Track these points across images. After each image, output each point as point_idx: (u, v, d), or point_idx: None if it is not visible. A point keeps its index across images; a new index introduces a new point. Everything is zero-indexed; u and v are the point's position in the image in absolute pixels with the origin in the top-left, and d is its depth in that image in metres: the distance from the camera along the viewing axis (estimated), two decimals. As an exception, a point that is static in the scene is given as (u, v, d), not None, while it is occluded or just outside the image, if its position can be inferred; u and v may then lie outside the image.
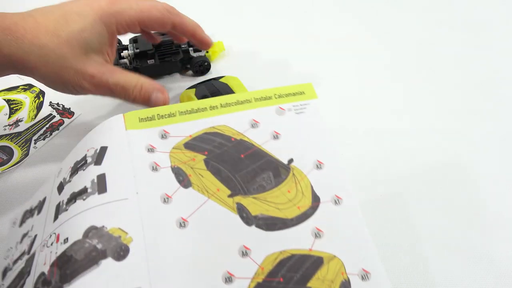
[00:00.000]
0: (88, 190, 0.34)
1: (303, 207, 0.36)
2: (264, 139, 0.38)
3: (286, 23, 0.68)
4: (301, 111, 0.40)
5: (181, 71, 0.60)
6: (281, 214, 0.35)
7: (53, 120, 0.56)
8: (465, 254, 0.44)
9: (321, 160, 0.38)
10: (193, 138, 0.38)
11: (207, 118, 0.39)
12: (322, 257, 0.34)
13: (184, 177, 0.36)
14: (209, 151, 0.38)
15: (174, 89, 0.58)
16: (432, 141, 0.52)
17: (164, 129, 0.38)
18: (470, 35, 0.67)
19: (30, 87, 0.60)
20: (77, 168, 0.36)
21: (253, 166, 0.37)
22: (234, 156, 0.38)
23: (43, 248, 0.33)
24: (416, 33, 0.67)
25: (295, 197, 0.36)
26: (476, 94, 0.58)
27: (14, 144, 0.53)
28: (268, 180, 0.37)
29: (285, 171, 0.37)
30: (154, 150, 0.37)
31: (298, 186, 0.37)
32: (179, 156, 0.37)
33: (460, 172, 0.50)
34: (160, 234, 0.33)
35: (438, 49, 0.65)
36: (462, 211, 0.47)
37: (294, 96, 0.41)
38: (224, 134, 0.39)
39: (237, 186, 0.36)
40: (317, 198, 0.36)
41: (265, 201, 0.36)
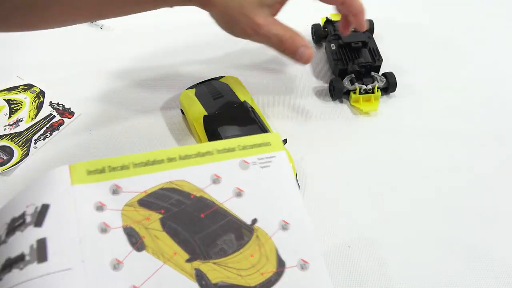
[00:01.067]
0: (26, 257, 0.30)
1: (267, 273, 0.33)
2: (226, 196, 0.36)
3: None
4: (266, 165, 0.38)
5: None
6: (243, 282, 0.33)
7: (53, 120, 0.57)
8: (465, 254, 0.45)
9: (286, 220, 0.35)
10: (148, 194, 0.35)
11: (164, 171, 0.36)
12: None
13: (138, 238, 0.33)
14: (165, 209, 0.34)
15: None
16: (434, 141, 0.55)
17: (115, 183, 0.35)
18: None
19: (30, 87, 0.61)
20: (15, 227, 0.32)
21: (213, 227, 0.34)
22: (193, 216, 0.35)
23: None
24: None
25: (258, 262, 0.34)
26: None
27: (14, 144, 0.54)
28: (230, 243, 0.34)
29: (248, 233, 0.35)
30: (103, 208, 0.34)
31: (262, 249, 0.34)
32: (132, 214, 0.34)
33: (460, 172, 0.52)
34: (110, 308, 0.29)
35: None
36: (462, 211, 0.48)
37: (259, 147, 0.38)
38: (183, 190, 0.35)
39: (196, 250, 0.33)
40: (282, 263, 0.34)
41: (226, 266, 0.33)
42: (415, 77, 0.63)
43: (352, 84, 0.59)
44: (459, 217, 0.49)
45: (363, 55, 0.60)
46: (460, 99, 0.61)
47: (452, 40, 0.69)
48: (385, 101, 0.60)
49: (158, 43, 0.67)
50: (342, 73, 0.60)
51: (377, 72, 0.60)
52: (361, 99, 0.58)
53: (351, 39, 0.61)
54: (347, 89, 0.59)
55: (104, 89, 0.61)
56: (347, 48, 0.61)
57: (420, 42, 0.69)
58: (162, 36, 0.68)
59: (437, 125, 0.58)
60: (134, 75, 0.63)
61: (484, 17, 0.73)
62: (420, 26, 0.71)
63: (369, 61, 0.59)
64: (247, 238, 0.34)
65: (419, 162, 0.54)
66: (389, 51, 0.65)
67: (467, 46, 0.68)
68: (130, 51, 0.66)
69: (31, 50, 0.66)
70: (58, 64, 0.65)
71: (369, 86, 0.58)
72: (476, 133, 0.57)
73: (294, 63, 0.50)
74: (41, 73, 0.63)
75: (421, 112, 0.59)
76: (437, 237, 0.47)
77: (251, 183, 0.37)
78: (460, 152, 0.55)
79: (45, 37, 0.66)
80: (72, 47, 0.67)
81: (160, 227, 0.34)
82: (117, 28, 0.69)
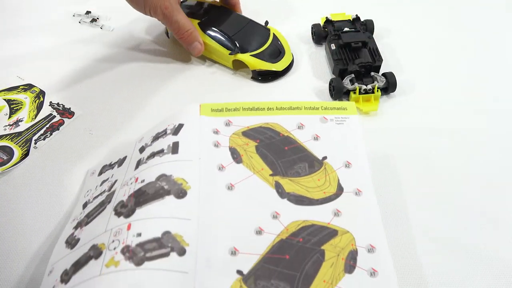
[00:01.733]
0: (165, 151, 0.45)
1: (328, 193, 0.44)
2: (306, 138, 0.47)
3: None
4: (341, 123, 0.49)
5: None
6: (309, 195, 0.43)
7: (53, 120, 0.56)
8: (465, 254, 0.45)
9: (350, 161, 0.46)
10: (250, 128, 0.48)
11: (264, 116, 0.49)
12: (337, 230, 0.41)
13: (238, 155, 0.46)
14: (260, 140, 0.47)
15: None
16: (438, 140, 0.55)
17: (229, 119, 0.49)
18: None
19: (30, 87, 0.60)
20: (158, 137, 0.47)
21: (293, 156, 0.46)
22: (279, 147, 0.47)
23: (123, 187, 0.43)
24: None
25: (323, 184, 0.44)
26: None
27: (14, 144, 0.53)
28: (304, 169, 0.45)
29: (319, 165, 0.46)
30: (218, 132, 0.48)
31: (327, 177, 0.45)
32: (237, 140, 0.47)
33: (460, 171, 0.52)
34: (212, 190, 0.42)
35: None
36: (462, 211, 0.48)
37: (337, 110, 0.50)
38: (275, 129, 0.48)
39: (278, 169, 0.45)
40: (341, 188, 0.44)
41: (298, 183, 0.44)
42: (415, 77, 0.62)
43: (352, 84, 0.58)
44: (459, 217, 0.48)
45: (363, 55, 0.60)
46: (460, 99, 0.60)
47: (452, 40, 0.68)
48: (385, 101, 0.60)
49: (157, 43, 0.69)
50: (342, 73, 0.60)
51: (377, 72, 0.60)
52: (361, 99, 0.58)
53: (351, 39, 0.61)
54: (347, 89, 0.58)
55: (104, 89, 0.61)
56: (347, 48, 0.61)
57: (420, 42, 0.68)
58: (162, 35, 0.69)
59: (437, 125, 0.57)
60: (133, 74, 0.64)
61: (484, 17, 0.72)
62: (420, 26, 0.71)
63: (369, 61, 0.59)
64: (317, 168, 0.45)
65: (419, 162, 0.53)
66: (389, 51, 0.65)
67: (467, 46, 0.67)
68: (130, 50, 0.67)
69: (31, 50, 0.67)
70: (58, 64, 0.65)
71: (369, 86, 0.58)
72: (476, 132, 0.56)
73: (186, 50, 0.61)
74: (41, 73, 0.63)
75: (421, 112, 0.58)
76: (437, 237, 0.46)
77: (327, 133, 0.48)
78: (460, 152, 0.54)
79: (45, 38, 0.69)
80: (72, 47, 0.68)
81: (254, 150, 0.46)
82: (117, 28, 0.71)
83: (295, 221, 0.41)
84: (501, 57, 0.66)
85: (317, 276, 0.38)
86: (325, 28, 0.66)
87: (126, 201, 0.41)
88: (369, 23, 0.66)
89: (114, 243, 0.37)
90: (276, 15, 0.71)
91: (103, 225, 0.39)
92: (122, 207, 0.40)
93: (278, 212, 0.42)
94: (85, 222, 0.42)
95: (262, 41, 0.63)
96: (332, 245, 0.40)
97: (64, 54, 0.66)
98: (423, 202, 0.49)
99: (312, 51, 0.66)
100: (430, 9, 0.74)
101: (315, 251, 0.39)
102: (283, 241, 0.40)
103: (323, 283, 0.38)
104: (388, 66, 0.62)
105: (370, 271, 0.39)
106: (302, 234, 0.41)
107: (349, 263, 0.39)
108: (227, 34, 0.62)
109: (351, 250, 0.40)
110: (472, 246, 0.45)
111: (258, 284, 0.37)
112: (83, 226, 0.42)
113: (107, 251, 0.36)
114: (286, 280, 0.38)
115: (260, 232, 0.40)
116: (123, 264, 0.35)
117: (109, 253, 0.36)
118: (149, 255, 0.36)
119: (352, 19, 0.67)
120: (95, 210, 0.43)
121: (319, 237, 0.40)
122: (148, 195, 0.40)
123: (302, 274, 0.38)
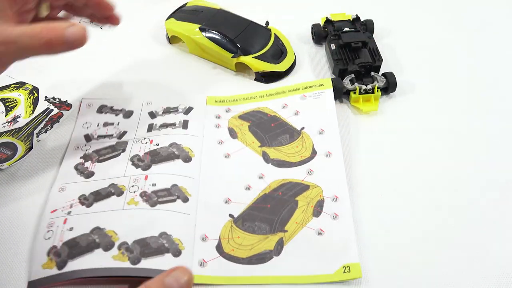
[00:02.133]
0: (176, 125, 0.58)
1: (304, 157, 0.55)
2: (289, 115, 0.59)
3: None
4: (317, 97, 0.59)
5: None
6: (289, 159, 0.55)
7: (51, 114, 0.58)
8: (465, 254, 0.46)
9: (323, 129, 0.56)
10: (245, 113, 0.60)
11: (256, 102, 0.61)
12: (309, 185, 0.52)
13: (234, 133, 0.58)
14: (252, 121, 0.59)
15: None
16: (434, 141, 0.57)
17: (229, 107, 0.61)
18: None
19: (22, 85, 0.61)
20: (170, 111, 0.59)
21: (277, 131, 0.57)
22: (267, 125, 0.58)
23: (137, 143, 0.55)
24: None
25: (300, 150, 0.55)
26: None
27: (16, 139, 0.54)
28: (285, 139, 0.56)
29: (297, 135, 0.57)
30: (220, 117, 0.60)
31: (304, 144, 0.56)
32: (234, 122, 0.59)
33: (461, 171, 0.53)
34: (212, 158, 0.55)
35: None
36: (462, 211, 0.49)
37: (315, 87, 0.60)
38: (264, 111, 0.60)
39: (265, 142, 0.57)
40: (315, 151, 0.55)
41: (281, 151, 0.55)
42: (415, 77, 0.63)
43: (352, 84, 0.59)
44: (460, 217, 0.49)
45: (363, 55, 0.61)
46: (460, 99, 0.61)
47: (452, 40, 0.69)
48: (385, 101, 0.60)
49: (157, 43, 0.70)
50: (342, 73, 0.61)
51: (377, 72, 0.61)
52: (361, 99, 0.59)
53: (351, 39, 0.62)
54: (347, 89, 0.59)
55: (103, 89, 0.63)
56: (347, 48, 0.62)
57: (420, 42, 0.68)
58: (161, 35, 0.71)
59: (437, 125, 0.58)
60: (133, 74, 0.65)
61: (484, 17, 0.73)
62: (420, 26, 0.71)
63: (369, 61, 0.60)
64: (296, 137, 0.56)
65: (419, 162, 0.54)
66: (389, 51, 0.65)
67: (467, 46, 0.68)
68: (129, 51, 0.69)
69: None
70: (54, 63, 0.63)
71: (369, 86, 0.58)
72: (477, 132, 0.57)
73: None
74: (34, 72, 0.62)
75: (421, 112, 0.59)
76: (437, 236, 0.47)
77: (305, 108, 0.59)
78: (461, 152, 0.55)
79: None
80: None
81: (247, 129, 0.58)
82: (117, 29, 0.67)
83: (276, 180, 0.53)
84: (502, 57, 0.67)
85: (290, 219, 0.49)
86: (325, 28, 0.67)
87: (142, 156, 0.54)
88: (369, 23, 0.67)
89: (134, 187, 0.50)
90: (276, 15, 0.72)
91: (121, 170, 0.52)
92: (139, 161, 0.53)
93: (263, 173, 0.53)
94: (97, 159, 0.54)
95: (264, 42, 0.65)
96: (304, 196, 0.51)
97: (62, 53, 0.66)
98: (423, 202, 0.51)
99: (312, 51, 0.68)
100: (430, 9, 0.75)
101: (291, 201, 0.50)
102: (266, 195, 0.51)
103: (295, 224, 0.49)
104: (388, 66, 0.63)
105: (333, 215, 0.49)
106: (281, 189, 0.52)
107: (317, 210, 0.50)
108: (228, 37, 0.63)
109: (319, 199, 0.50)
110: (472, 246, 0.47)
111: (245, 225, 0.49)
112: (95, 162, 0.54)
113: (127, 192, 0.50)
114: (266, 222, 0.49)
115: (248, 188, 0.52)
116: (141, 204, 0.49)
117: (130, 195, 0.50)
118: (160, 200, 0.49)
119: (352, 19, 0.68)
120: (106, 152, 0.54)
121: (294, 191, 0.51)
122: (162, 156, 0.54)
123: (279, 218, 0.49)
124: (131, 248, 0.45)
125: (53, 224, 0.48)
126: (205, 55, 0.67)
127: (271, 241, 0.47)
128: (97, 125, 0.59)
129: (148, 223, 0.47)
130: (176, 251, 0.45)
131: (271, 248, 0.47)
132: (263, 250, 0.47)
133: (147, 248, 0.45)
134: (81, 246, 0.45)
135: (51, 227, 0.48)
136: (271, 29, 0.68)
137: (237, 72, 0.66)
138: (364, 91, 0.59)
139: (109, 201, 0.50)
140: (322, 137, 0.56)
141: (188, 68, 0.67)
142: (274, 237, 0.47)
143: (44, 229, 0.48)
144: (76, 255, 0.45)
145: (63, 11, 0.53)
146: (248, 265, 0.46)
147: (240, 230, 0.48)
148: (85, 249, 0.45)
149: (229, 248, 0.47)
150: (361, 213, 0.50)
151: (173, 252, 0.45)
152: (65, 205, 0.49)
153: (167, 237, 0.46)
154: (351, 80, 0.60)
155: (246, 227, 0.49)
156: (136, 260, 0.44)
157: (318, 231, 0.48)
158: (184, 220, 0.48)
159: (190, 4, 0.71)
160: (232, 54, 0.63)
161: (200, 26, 0.65)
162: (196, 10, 0.68)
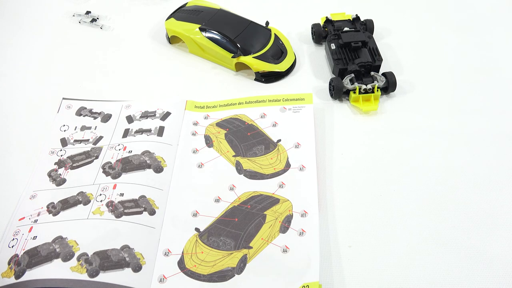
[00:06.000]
0: (152, 131, 0.57)
1: (278, 169, 0.53)
2: (267, 125, 0.57)
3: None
4: (297, 111, 0.58)
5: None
6: (262, 171, 0.53)
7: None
8: (465, 254, 0.46)
9: (299, 143, 0.55)
10: (223, 120, 0.59)
11: (234, 109, 0.60)
12: (279, 199, 0.51)
13: (210, 141, 0.57)
14: (229, 128, 0.58)
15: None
16: (432, 142, 0.56)
17: (207, 113, 0.60)
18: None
19: None
20: (147, 115, 0.59)
21: (253, 140, 0.56)
22: (243, 134, 0.57)
23: (111, 149, 0.55)
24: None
25: (274, 162, 0.54)
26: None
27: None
28: (260, 150, 0.55)
29: (273, 146, 0.55)
30: (197, 124, 0.59)
31: (278, 156, 0.54)
32: (211, 129, 0.58)
33: (461, 171, 0.53)
34: (184, 168, 0.54)
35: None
36: (462, 211, 0.49)
37: (296, 100, 0.59)
38: (242, 119, 0.58)
39: (240, 151, 0.55)
40: (288, 164, 0.53)
41: (254, 162, 0.54)
42: (414, 77, 0.63)
43: (352, 84, 0.59)
44: (460, 217, 0.49)
45: (363, 54, 0.60)
46: (460, 98, 0.61)
47: (452, 40, 0.69)
48: (384, 100, 0.60)
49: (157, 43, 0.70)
50: (342, 73, 0.60)
51: (377, 71, 0.60)
52: (360, 99, 0.58)
53: (351, 38, 0.62)
54: (346, 88, 0.59)
55: (102, 88, 0.64)
56: (347, 48, 0.62)
57: (420, 42, 0.68)
58: (161, 35, 0.71)
59: (437, 125, 0.58)
60: (133, 74, 0.66)
61: (484, 17, 0.72)
62: (420, 26, 0.71)
63: (369, 61, 0.59)
64: (272, 149, 0.55)
65: (419, 161, 0.54)
66: (389, 51, 0.65)
67: (467, 46, 0.68)
68: (129, 51, 0.69)
69: (28, 50, 0.69)
70: (53, 64, 0.67)
71: (368, 85, 0.58)
72: (476, 132, 0.57)
73: None
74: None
75: (420, 111, 0.59)
76: (437, 237, 0.47)
77: (284, 120, 0.57)
78: (461, 151, 0.55)
79: (45, 37, 0.71)
80: (72, 47, 0.69)
81: (223, 137, 0.57)
82: (117, 28, 0.72)
83: (247, 192, 0.52)
84: (501, 57, 0.67)
85: (257, 235, 0.48)
86: (325, 27, 0.67)
87: (114, 164, 0.53)
88: (369, 23, 0.68)
89: (101, 196, 0.50)
90: (276, 15, 0.73)
91: (91, 178, 0.52)
92: (110, 168, 0.53)
93: (234, 185, 0.52)
94: (70, 166, 0.54)
95: (264, 42, 0.64)
96: (273, 210, 0.50)
97: (62, 54, 0.68)
98: (422, 202, 0.51)
99: (312, 51, 0.68)
100: (430, 9, 0.75)
101: (259, 215, 0.49)
102: (235, 207, 0.50)
103: (261, 240, 0.48)
104: (388, 66, 0.63)
105: (300, 231, 0.48)
106: (251, 202, 0.51)
107: (284, 225, 0.48)
108: (228, 37, 0.63)
109: (288, 214, 0.49)
110: (472, 246, 0.47)
111: (210, 239, 0.48)
112: (68, 169, 0.53)
113: (94, 201, 0.50)
114: (232, 237, 0.48)
115: (218, 200, 0.51)
116: (106, 214, 0.48)
117: (96, 204, 0.49)
118: (127, 211, 0.48)
119: (352, 19, 0.68)
120: (80, 158, 0.55)
121: (263, 204, 0.50)
122: (133, 165, 0.53)
123: (245, 233, 0.48)
124: (91, 260, 0.45)
125: (19, 232, 0.48)
126: (205, 55, 0.67)
127: (235, 258, 0.46)
128: (74, 129, 0.59)
129: (111, 234, 0.47)
130: (137, 266, 0.45)
131: (233, 266, 0.46)
132: (225, 267, 0.46)
133: (107, 261, 0.45)
134: (41, 255, 0.45)
135: (17, 235, 0.48)
136: (271, 29, 0.67)
137: (237, 72, 0.66)
138: (364, 90, 0.58)
139: (76, 209, 0.49)
140: (297, 150, 0.54)
141: (187, 68, 0.67)
142: (238, 254, 0.47)
143: (10, 237, 0.48)
144: (35, 265, 0.45)
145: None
146: (208, 282, 0.45)
147: (205, 245, 0.47)
148: (44, 258, 0.45)
149: (191, 264, 0.46)
150: (334, 228, 0.49)
151: (133, 267, 0.45)
152: (33, 213, 0.50)
153: (129, 250, 0.46)
154: (351, 80, 0.60)
155: (211, 242, 0.48)
156: (94, 273, 0.44)
157: (283, 248, 0.47)
158: (149, 234, 0.48)
159: (190, 4, 0.71)
160: (232, 54, 0.63)
161: (200, 26, 0.65)
162: (196, 10, 0.68)
